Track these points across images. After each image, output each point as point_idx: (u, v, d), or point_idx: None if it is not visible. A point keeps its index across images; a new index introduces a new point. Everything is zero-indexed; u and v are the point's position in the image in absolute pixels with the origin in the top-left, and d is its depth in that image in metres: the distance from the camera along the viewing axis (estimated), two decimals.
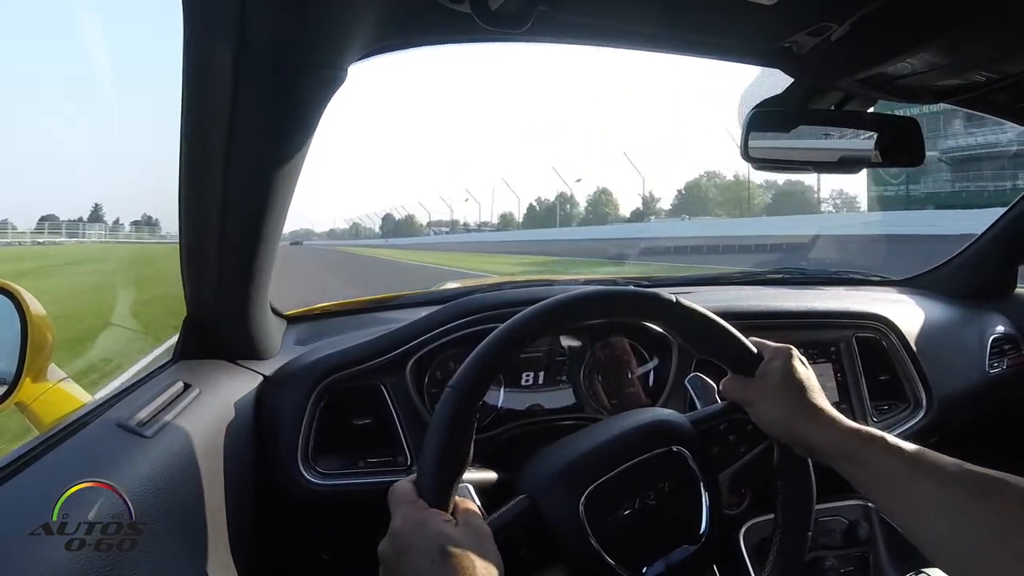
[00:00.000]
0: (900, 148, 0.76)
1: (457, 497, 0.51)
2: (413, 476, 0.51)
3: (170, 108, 0.57)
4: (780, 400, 0.58)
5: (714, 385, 0.67)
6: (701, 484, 0.59)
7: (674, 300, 0.59)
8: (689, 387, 0.71)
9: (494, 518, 0.53)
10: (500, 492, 0.58)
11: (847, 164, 0.78)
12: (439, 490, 0.49)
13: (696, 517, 0.58)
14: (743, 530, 0.92)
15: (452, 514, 0.49)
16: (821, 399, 0.58)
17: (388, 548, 0.48)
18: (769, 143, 0.76)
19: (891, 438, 0.54)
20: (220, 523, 0.64)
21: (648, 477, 0.57)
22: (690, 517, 0.58)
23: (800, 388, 0.58)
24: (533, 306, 0.56)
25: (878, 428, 1.01)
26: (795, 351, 0.62)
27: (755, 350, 0.62)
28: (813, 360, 1.06)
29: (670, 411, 0.65)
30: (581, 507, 0.54)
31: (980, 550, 0.44)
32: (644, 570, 0.55)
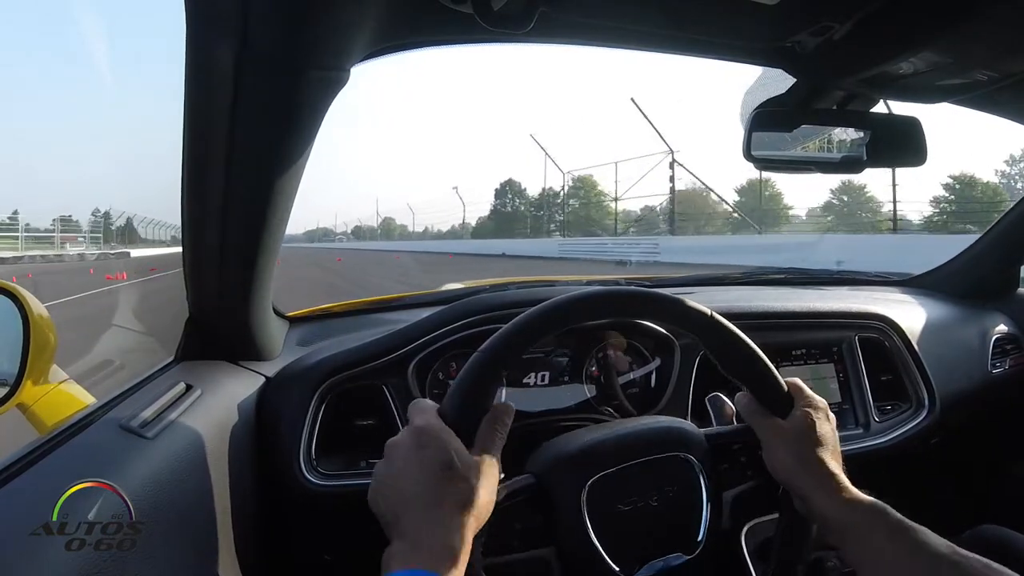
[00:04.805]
0: (902, 148, 0.76)
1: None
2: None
3: (171, 108, 0.57)
4: (794, 450, 0.57)
5: (733, 407, 0.67)
6: (704, 496, 0.59)
7: (714, 318, 0.59)
8: (708, 405, 0.70)
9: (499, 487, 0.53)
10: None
11: (849, 164, 0.78)
12: (463, 416, 0.51)
13: (695, 527, 0.58)
14: (744, 531, 0.92)
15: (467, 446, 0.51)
16: (835, 463, 0.57)
17: (402, 441, 0.50)
18: (772, 143, 0.76)
19: (893, 514, 0.52)
20: (222, 524, 0.64)
21: (654, 478, 0.58)
22: (689, 526, 0.58)
23: (818, 445, 0.57)
24: (602, 289, 0.58)
25: (880, 428, 1.03)
26: (826, 406, 0.61)
27: (787, 389, 0.61)
28: (815, 360, 1.06)
29: (686, 421, 0.65)
30: (584, 494, 0.55)
31: None
32: (636, 570, 0.55)
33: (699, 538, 0.57)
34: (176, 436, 0.60)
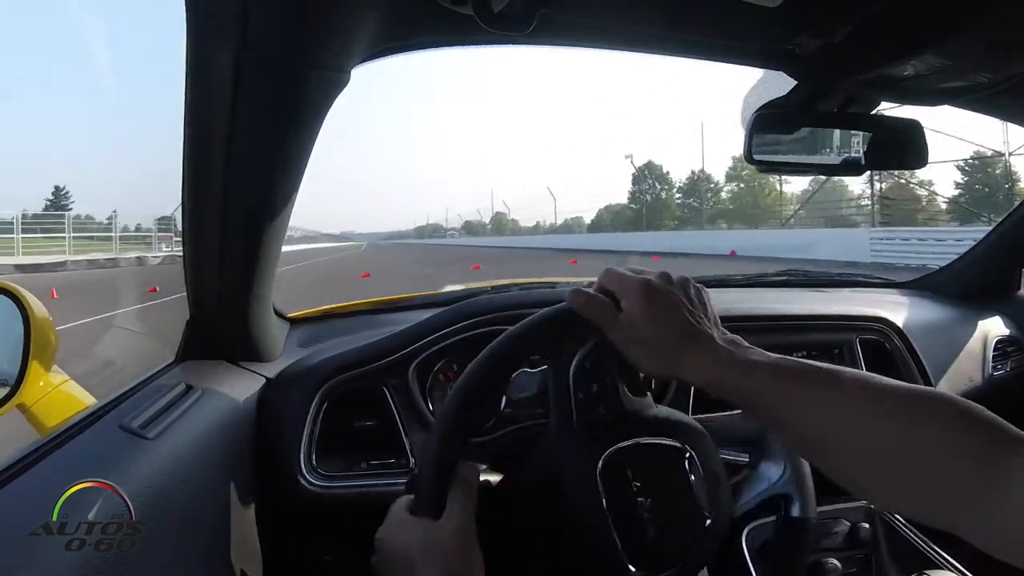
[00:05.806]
0: (903, 150, 0.76)
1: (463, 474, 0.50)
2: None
3: (172, 109, 0.57)
4: (647, 354, 0.50)
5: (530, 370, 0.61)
6: (679, 454, 0.53)
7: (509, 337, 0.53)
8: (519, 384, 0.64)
9: None
10: (502, 494, 0.57)
11: (850, 166, 0.78)
12: (431, 498, 0.49)
13: (678, 466, 0.53)
14: (745, 533, 0.92)
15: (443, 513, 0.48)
16: (689, 334, 0.49)
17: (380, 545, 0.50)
18: (772, 145, 0.76)
19: (766, 359, 0.47)
20: (222, 525, 0.64)
21: (620, 500, 0.51)
22: (677, 474, 0.53)
23: (664, 336, 0.49)
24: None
25: None
26: (644, 287, 0.50)
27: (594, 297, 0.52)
28: None
29: (550, 426, 0.56)
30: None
31: (900, 473, 0.40)
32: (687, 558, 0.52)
33: (690, 476, 0.53)
34: (176, 437, 0.60)
